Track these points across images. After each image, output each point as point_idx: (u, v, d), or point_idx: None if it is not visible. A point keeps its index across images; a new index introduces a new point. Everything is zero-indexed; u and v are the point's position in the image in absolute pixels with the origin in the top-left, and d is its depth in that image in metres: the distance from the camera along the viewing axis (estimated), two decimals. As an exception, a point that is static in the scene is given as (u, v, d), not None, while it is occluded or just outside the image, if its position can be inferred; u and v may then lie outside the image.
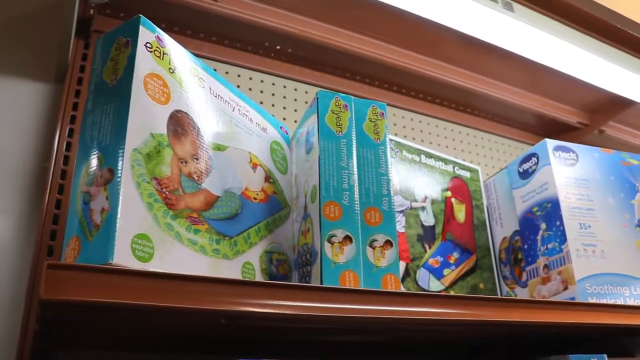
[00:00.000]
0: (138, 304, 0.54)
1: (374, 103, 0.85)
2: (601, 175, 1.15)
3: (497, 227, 1.26)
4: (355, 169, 0.79)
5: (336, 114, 0.82)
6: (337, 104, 0.82)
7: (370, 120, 0.84)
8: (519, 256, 1.19)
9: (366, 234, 0.76)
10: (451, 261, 1.14)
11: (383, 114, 0.85)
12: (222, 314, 0.60)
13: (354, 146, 0.81)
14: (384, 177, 0.81)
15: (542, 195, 1.11)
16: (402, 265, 1.04)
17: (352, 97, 0.84)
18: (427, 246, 1.10)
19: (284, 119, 1.24)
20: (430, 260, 1.10)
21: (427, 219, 1.13)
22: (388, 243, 0.77)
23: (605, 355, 0.91)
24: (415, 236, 1.08)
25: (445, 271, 1.13)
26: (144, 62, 0.68)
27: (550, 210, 1.08)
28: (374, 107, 0.85)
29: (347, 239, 0.75)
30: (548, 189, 1.10)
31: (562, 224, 1.05)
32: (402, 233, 1.07)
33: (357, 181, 0.79)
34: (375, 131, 0.83)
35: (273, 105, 1.24)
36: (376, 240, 0.77)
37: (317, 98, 0.82)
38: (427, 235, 1.12)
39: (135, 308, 0.54)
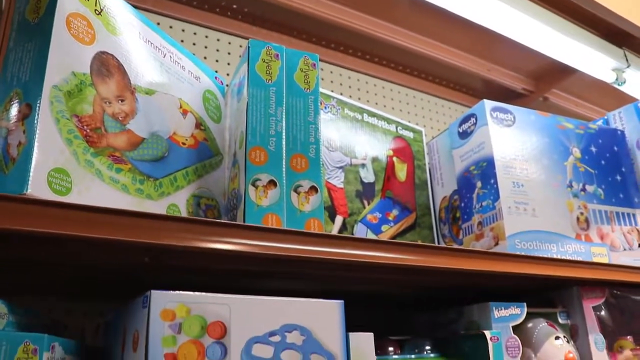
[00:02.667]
0: (56, 233, 0.55)
1: (306, 54, 0.87)
2: (537, 137, 1.18)
3: (438, 187, 1.29)
4: (283, 117, 0.81)
5: (267, 62, 0.83)
6: (268, 53, 0.83)
7: (302, 71, 0.85)
8: (457, 215, 1.22)
9: (291, 179, 0.78)
10: (390, 218, 1.17)
11: (315, 64, 0.87)
12: (144, 246, 0.61)
13: (284, 94, 0.82)
14: (312, 125, 0.83)
15: (478, 154, 1.14)
16: (339, 219, 1.07)
17: (284, 48, 0.85)
18: (365, 202, 1.13)
19: (227, 74, 1.25)
20: (369, 216, 1.13)
21: (367, 176, 1.15)
22: (313, 189, 0.79)
23: (525, 304, 0.95)
24: (353, 192, 1.11)
25: (384, 227, 1.15)
26: (67, 1, 0.68)
27: (486, 169, 1.11)
28: (306, 58, 0.86)
29: (272, 183, 0.77)
30: (484, 149, 1.13)
31: (496, 182, 1.09)
32: (341, 188, 1.09)
33: (284, 128, 0.80)
34: (306, 81, 0.85)
35: (217, 60, 1.24)
36: (301, 186, 0.78)
37: (249, 47, 0.83)
38: (367, 191, 1.14)
39: (53, 238, 0.55)
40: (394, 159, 1.22)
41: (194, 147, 0.84)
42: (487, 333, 0.84)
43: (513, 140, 1.14)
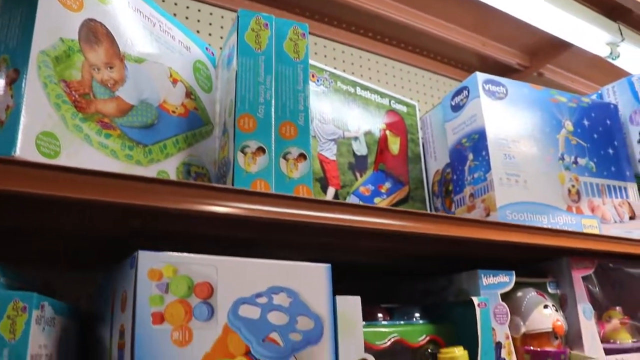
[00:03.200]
0: (45, 194, 0.56)
1: (295, 24, 0.87)
2: (529, 109, 1.19)
3: (431, 161, 1.30)
4: (272, 85, 0.81)
5: (256, 32, 0.83)
6: (257, 22, 0.84)
7: (291, 40, 0.85)
8: (450, 188, 1.23)
9: (280, 146, 0.79)
10: (382, 190, 1.18)
11: (304, 34, 0.87)
12: (134, 208, 0.61)
13: (273, 63, 0.83)
14: (301, 94, 0.83)
15: (470, 127, 1.15)
16: (331, 191, 1.07)
17: (273, 17, 0.86)
18: (358, 174, 1.13)
19: (220, 48, 1.25)
20: (361, 188, 1.14)
21: (360, 148, 1.16)
22: (302, 156, 0.80)
23: (514, 272, 0.96)
24: (346, 164, 1.11)
25: (376, 199, 1.16)
26: (54, -33, 0.68)
27: (478, 141, 1.12)
28: (295, 28, 0.87)
29: (260, 150, 0.77)
30: (476, 121, 1.13)
31: (487, 154, 1.09)
32: (333, 160, 1.10)
33: (273, 96, 0.81)
34: (295, 50, 0.85)
35: (210, 34, 1.24)
36: (290, 153, 0.79)
37: (238, 17, 0.83)
38: (359, 164, 1.15)
39: (42, 199, 0.56)
40: (387, 132, 1.23)
41: (184, 116, 0.85)
42: (475, 299, 0.85)
43: (505, 113, 1.15)
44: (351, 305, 0.73)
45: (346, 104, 1.15)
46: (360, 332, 0.72)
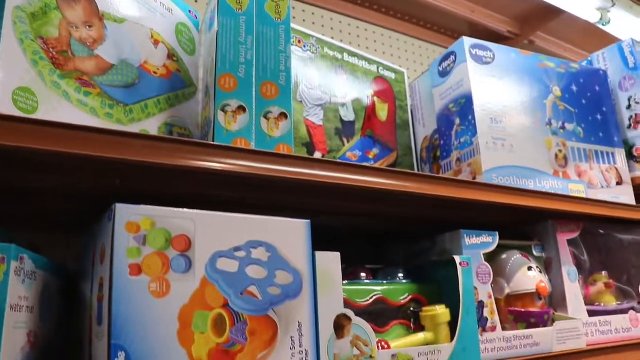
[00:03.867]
0: (23, 147, 0.56)
1: (278, -16, 0.87)
2: (517, 74, 1.18)
3: (419, 127, 1.30)
4: (253, 45, 0.81)
5: (237, -9, 0.83)
6: (238, -18, 0.83)
7: (272, 1, 0.85)
8: (437, 154, 1.23)
9: (261, 105, 0.79)
10: (370, 156, 1.18)
11: (286, -5, 0.86)
12: (115, 162, 0.62)
13: (254, 23, 0.82)
14: (282, 54, 0.83)
15: (457, 92, 1.15)
16: (318, 155, 1.08)
17: (255, -23, 0.85)
18: (345, 140, 1.14)
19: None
20: (348, 154, 1.14)
21: (347, 114, 1.16)
22: (283, 115, 0.80)
23: (497, 233, 0.96)
24: (333, 129, 1.12)
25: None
26: None
27: (464, 105, 1.12)
28: (277, -12, 0.86)
29: (241, 109, 0.77)
30: (463, 86, 1.13)
31: (474, 118, 1.09)
32: (320, 126, 1.10)
33: (254, 56, 0.81)
34: (277, 11, 0.85)
35: (196, 0, 1.24)
36: (271, 112, 0.79)
37: (219, -23, 0.83)
38: (346, 130, 1.15)
39: (21, 152, 0.56)
40: (375, 99, 1.22)
41: (166, 77, 0.85)
42: (457, 258, 0.86)
43: (492, 78, 1.14)
44: (331, 261, 0.73)
45: (333, 70, 1.15)
46: (339, 288, 0.73)
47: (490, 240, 0.95)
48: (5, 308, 0.56)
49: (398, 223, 1.08)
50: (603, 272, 1.21)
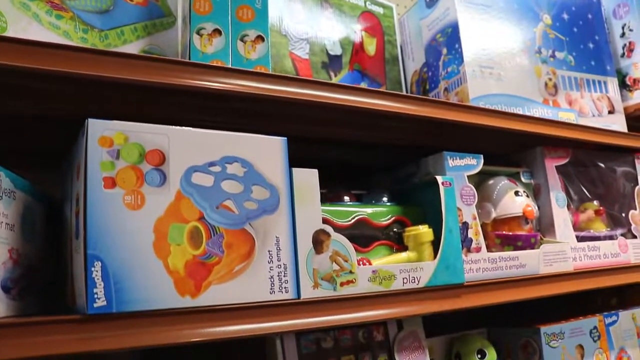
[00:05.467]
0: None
1: None
2: (504, 2, 1.16)
3: (409, 62, 1.29)
4: (228, -32, 0.80)
5: None
6: None
7: None
8: (427, 87, 1.22)
9: (237, 28, 0.79)
10: (358, 90, 1.18)
11: None
12: (93, 79, 0.62)
13: (229, -54, 0.81)
14: (258, -24, 0.82)
15: (444, 21, 1.13)
16: (304, 89, 1.07)
17: None
18: (332, 74, 1.13)
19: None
20: (336, 88, 1.13)
21: (334, 48, 1.15)
22: (259, 38, 0.80)
23: (481, 156, 0.96)
24: (319, 63, 1.11)
25: (352, 99, 1.16)
26: None
27: (451, 34, 1.11)
28: None
29: (216, 32, 0.77)
30: (449, 15, 1.12)
31: (460, 46, 1.08)
32: (306, 59, 1.09)
33: (229, -21, 0.80)
34: None
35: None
36: (247, 35, 0.79)
37: None
38: (333, 63, 1.14)
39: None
40: (363, 33, 1.21)
41: (144, 5, 0.84)
42: (439, 178, 0.86)
43: (479, 5, 1.13)
44: (308, 177, 0.74)
45: (319, 4, 1.14)
46: (317, 204, 0.74)
47: (474, 163, 0.94)
48: (-17, 221, 0.57)
49: (384, 153, 1.08)
50: (594, 202, 1.21)
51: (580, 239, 1.09)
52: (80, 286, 0.59)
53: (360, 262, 0.78)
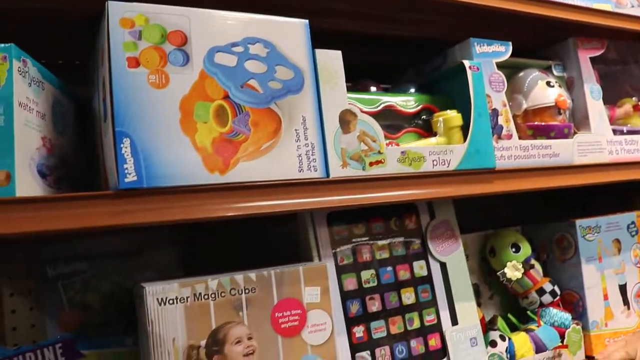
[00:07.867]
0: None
1: None
2: None
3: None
4: None
5: None
6: None
7: None
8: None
9: None
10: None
11: None
12: None
13: None
14: None
15: None
16: None
17: None
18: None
19: None
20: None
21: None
22: None
23: (510, 43, 0.93)
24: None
25: None
26: None
27: None
28: None
29: None
30: None
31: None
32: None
33: None
34: None
35: None
36: None
37: None
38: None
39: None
40: None
41: None
42: (467, 62, 0.84)
43: None
44: (332, 58, 0.73)
45: None
46: (342, 85, 0.73)
47: (502, 50, 0.92)
48: (13, 103, 0.58)
49: (408, 51, 1.05)
50: (634, 98, 1.17)
51: (615, 132, 1.06)
52: (111, 165, 0.60)
53: (389, 145, 0.78)
